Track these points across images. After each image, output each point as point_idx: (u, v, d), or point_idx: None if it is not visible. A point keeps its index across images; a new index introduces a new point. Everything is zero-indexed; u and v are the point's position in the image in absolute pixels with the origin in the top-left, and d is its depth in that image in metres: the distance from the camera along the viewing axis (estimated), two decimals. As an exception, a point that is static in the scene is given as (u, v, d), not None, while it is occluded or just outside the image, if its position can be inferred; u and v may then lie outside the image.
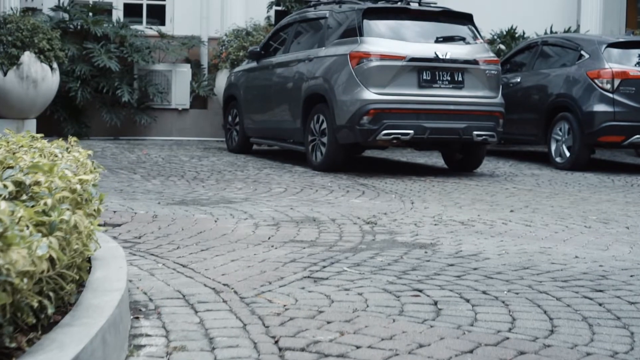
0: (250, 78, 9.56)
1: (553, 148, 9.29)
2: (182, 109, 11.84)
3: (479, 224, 5.01)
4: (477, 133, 7.81)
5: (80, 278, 2.16)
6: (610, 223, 5.29)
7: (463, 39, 8.04)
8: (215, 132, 11.63)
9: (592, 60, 8.93)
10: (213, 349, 2.42)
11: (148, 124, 11.50)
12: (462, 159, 8.57)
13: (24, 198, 2.01)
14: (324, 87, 7.91)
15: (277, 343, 2.50)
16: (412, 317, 2.85)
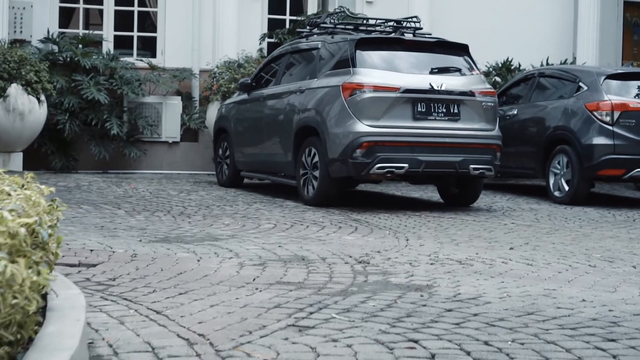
0: (241, 110, 9.34)
1: (551, 182, 9.04)
2: (172, 142, 11.62)
3: (478, 263, 4.74)
4: (473, 166, 7.57)
5: (22, 337, 1.88)
6: (616, 261, 5.02)
7: (459, 70, 7.83)
8: (206, 165, 11.38)
9: (590, 92, 8.72)
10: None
11: (138, 157, 11.25)
12: (458, 193, 8.31)
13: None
14: (316, 119, 7.67)
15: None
16: (406, 372, 2.57)
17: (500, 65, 12.26)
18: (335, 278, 4.17)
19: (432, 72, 7.67)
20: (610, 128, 8.47)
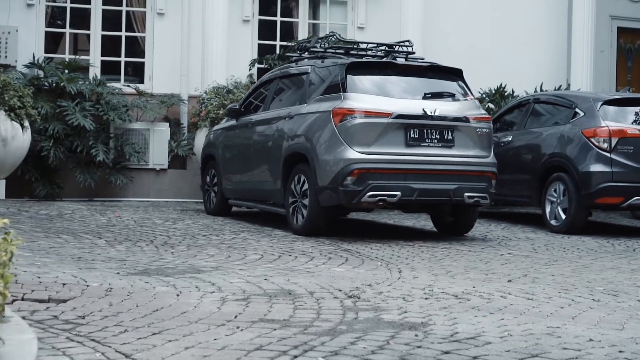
0: (229, 137, 9.09)
1: (548, 210, 8.80)
2: (160, 169, 11.36)
3: (475, 298, 4.46)
4: (468, 194, 7.32)
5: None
6: (620, 295, 4.75)
7: (452, 95, 7.61)
8: (194, 193, 11.11)
9: (587, 118, 8.52)
10: None
11: (124, 185, 10.98)
12: (452, 222, 8.06)
13: None
14: (306, 146, 7.43)
15: None
16: None
17: (494, 92, 12.09)
18: (324, 315, 3.90)
19: (425, 97, 7.45)
20: (608, 155, 8.24)
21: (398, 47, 8.16)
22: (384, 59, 7.91)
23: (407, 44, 8.12)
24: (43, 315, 3.63)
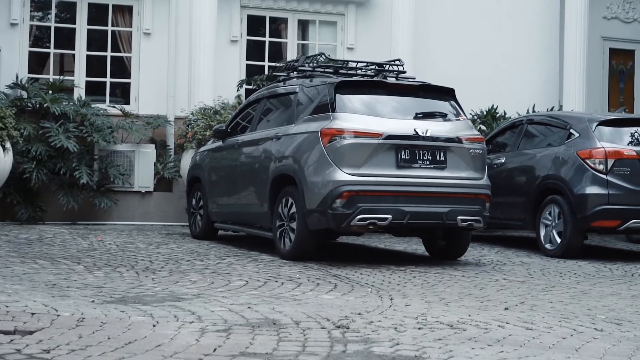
0: (215, 158, 8.85)
1: (542, 234, 8.57)
2: (145, 192, 11.10)
3: (471, 327, 4.21)
4: (461, 218, 7.08)
5: None
6: (624, 324, 4.51)
7: (444, 116, 7.40)
8: (180, 216, 10.84)
9: (582, 139, 8.31)
10: None
11: (108, 208, 10.71)
12: (445, 246, 7.81)
13: None
14: (293, 167, 7.19)
15: None
16: None
17: (485, 113, 11.91)
18: (310, 347, 3.63)
19: (416, 117, 7.23)
20: (604, 177, 8.03)
21: (388, 66, 7.96)
22: (374, 78, 7.70)
23: (397, 63, 7.92)
24: (5, 349, 3.36)
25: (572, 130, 8.51)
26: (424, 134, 7.03)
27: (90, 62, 11.73)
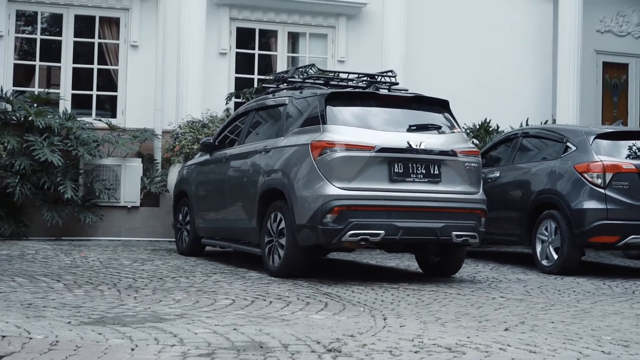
0: (203, 172, 8.60)
1: (538, 250, 8.35)
2: (131, 207, 10.84)
3: (471, 350, 3.97)
4: (456, 233, 6.85)
5: None
6: (632, 346, 4.27)
7: (438, 128, 7.18)
8: (167, 232, 10.58)
9: (579, 153, 8.11)
10: None
11: (94, 223, 10.45)
12: (439, 263, 7.57)
13: None
14: (283, 181, 6.95)
15: None
16: None
17: (478, 127, 11.73)
18: (298, 373, 3.39)
19: (409, 129, 7.01)
20: (602, 191, 7.82)
21: (380, 77, 7.75)
22: (366, 90, 7.49)
23: (390, 74, 7.72)
24: (-33, 377, 3.09)
25: (568, 144, 8.31)
26: (418, 147, 6.81)
27: (77, 74, 11.50)
